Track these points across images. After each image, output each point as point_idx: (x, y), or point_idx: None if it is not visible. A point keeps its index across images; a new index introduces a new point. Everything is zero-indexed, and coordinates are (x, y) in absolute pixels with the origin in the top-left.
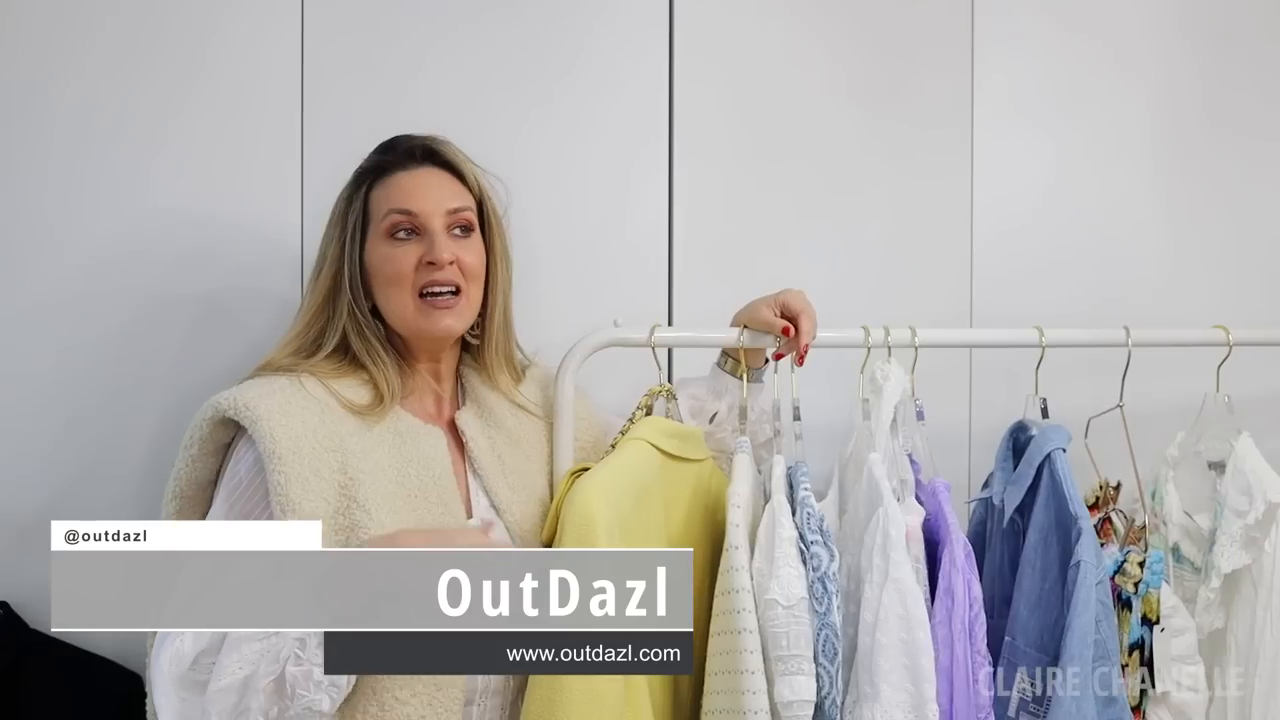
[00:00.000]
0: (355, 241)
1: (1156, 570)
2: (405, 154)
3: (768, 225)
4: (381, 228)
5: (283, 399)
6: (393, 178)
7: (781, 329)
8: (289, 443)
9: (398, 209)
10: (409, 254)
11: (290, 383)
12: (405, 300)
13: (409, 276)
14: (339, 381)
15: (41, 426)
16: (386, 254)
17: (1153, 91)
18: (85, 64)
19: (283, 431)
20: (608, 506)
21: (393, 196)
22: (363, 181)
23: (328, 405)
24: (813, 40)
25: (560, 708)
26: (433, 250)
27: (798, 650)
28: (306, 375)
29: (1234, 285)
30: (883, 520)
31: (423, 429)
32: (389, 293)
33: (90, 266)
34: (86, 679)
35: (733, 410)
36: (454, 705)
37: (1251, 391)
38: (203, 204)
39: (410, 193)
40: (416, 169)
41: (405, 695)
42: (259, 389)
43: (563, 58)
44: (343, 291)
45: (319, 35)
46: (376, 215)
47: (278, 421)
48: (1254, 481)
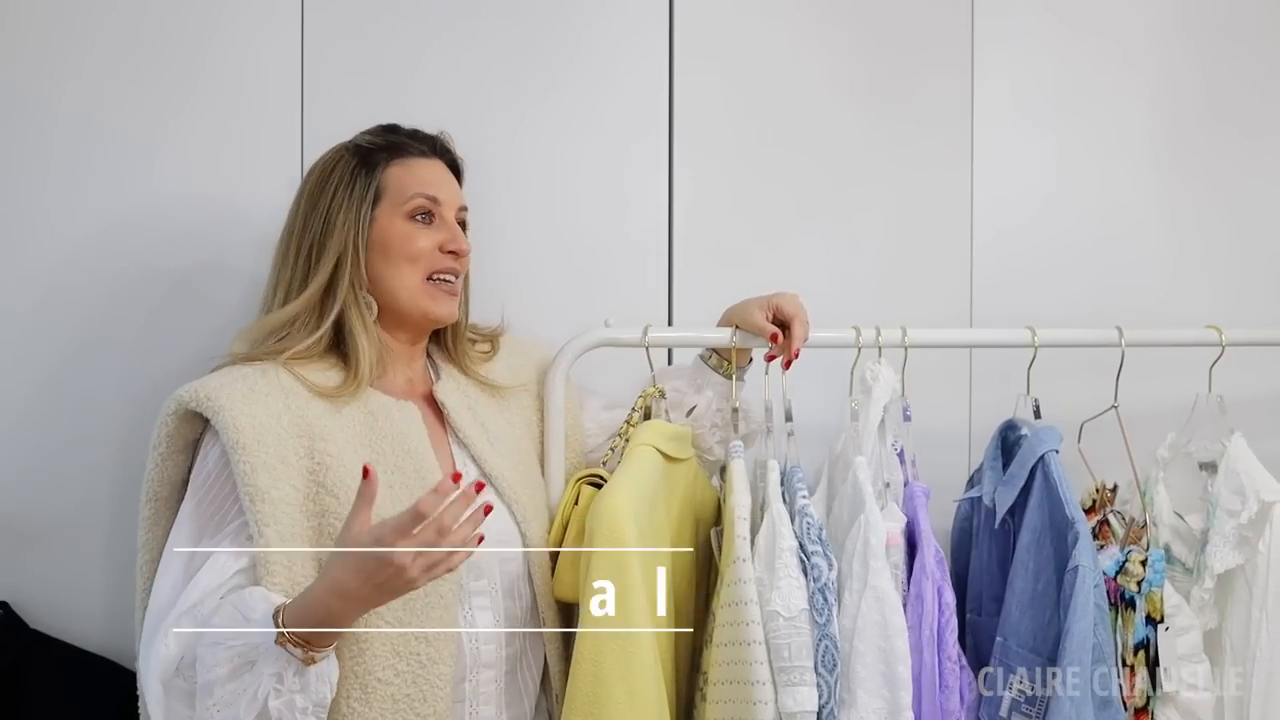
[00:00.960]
0: (367, 213)
1: (1159, 569)
2: (423, 141)
3: (768, 224)
4: (405, 207)
5: (245, 387)
6: (415, 161)
7: (770, 335)
8: (253, 431)
9: (426, 194)
10: (430, 237)
11: (254, 371)
12: (416, 279)
13: (426, 257)
14: (306, 366)
15: (40, 424)
16: (407, 232)
17: (1153, 91)
18: (85, 64)
19: (246, 420)
20: (634, 524)
21: (423, 179)
22: (377, 157)
23: (293, 390)
24: (813, 38)
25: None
26: (456, 240)
27: (800, 661)
28: (270, 362)
29: (1235, 286)
30: (864, 527)
31: (395, 405)
32: (401, 271)
33: (86, 264)
34: (86, 679)
35: (711, 405)
36: (440, 683)
37: (1247, 392)
38: (204, 202)
39: (434, 182)
40: (433, 160)
41: (389, 675)
42: (220, 379)
43: (562, 54)
44: (345, 266)
45: (319, 35)
46: (399, 193)
47: (240, 410)
48: (1247, 481)
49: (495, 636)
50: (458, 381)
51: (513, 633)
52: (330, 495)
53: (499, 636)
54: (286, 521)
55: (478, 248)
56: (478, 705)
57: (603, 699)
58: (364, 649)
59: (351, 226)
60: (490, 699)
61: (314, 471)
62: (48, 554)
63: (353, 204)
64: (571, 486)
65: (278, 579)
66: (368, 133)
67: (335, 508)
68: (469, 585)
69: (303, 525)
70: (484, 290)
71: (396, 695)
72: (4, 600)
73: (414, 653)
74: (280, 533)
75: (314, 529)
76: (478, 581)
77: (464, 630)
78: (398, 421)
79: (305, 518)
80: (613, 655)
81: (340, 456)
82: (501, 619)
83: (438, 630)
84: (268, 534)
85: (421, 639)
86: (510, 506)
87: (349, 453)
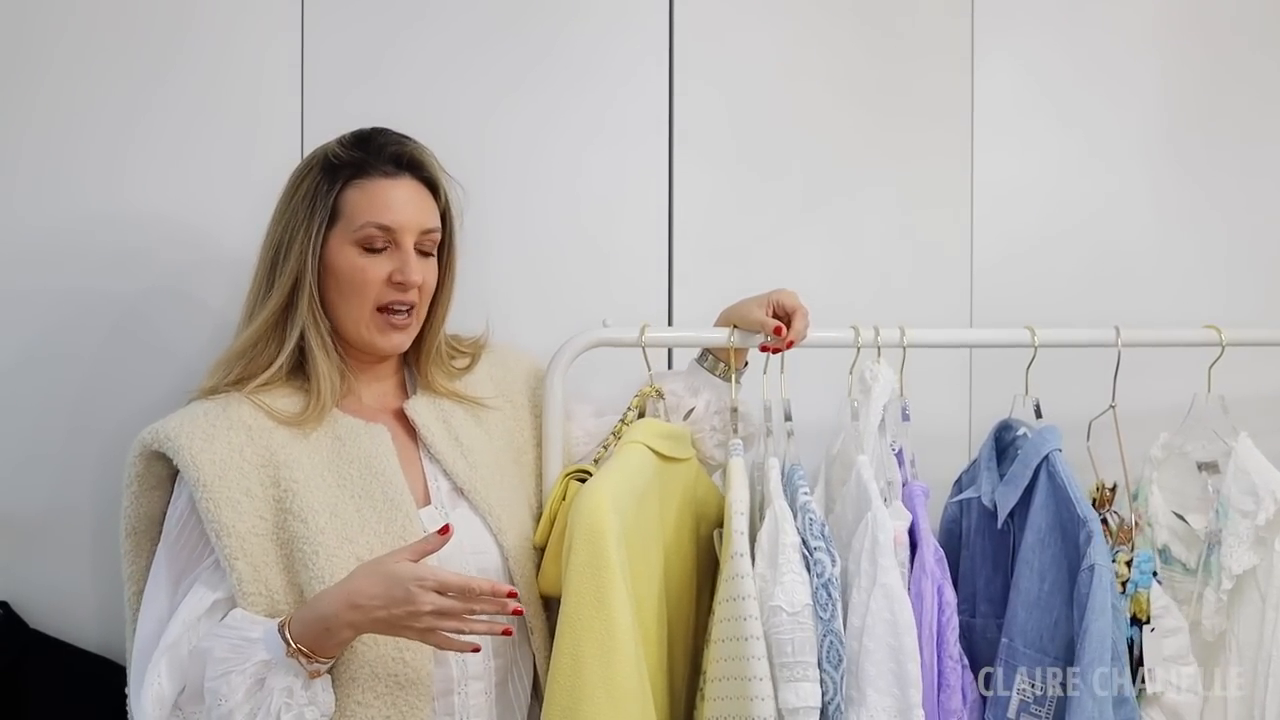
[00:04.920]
0: (320, 235)
1: (1144, 570)
2: (389, 159)
3: (768, 225)
4: (355, 236)
5: (206, 424)
6: (373, 184)
7: (774, 328)
8: (213, 468)
9: (377, 223)
10: (379, 267)
11: (214, 406)
12: (363, 311)
13: (374, 289)
14: (270, 393)
15: (39, 425)
16: (356, 263)
17: (1153, 91)
18: (84, 63)
19: (205, 457)
20: (615, 514)
21: (375, 207)
22: (338, 175)
23: (255, 421)
24: (813, 40)
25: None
26: (404, 271)
27: (802, 657)
28: (233, 394)
29: (1235, 286)
30: (871, 525)
31: (363, 428)
32: (349, 301)
33: (85, 266)
34: (86, 679)
35: (709, 407)
36: (420, 704)
37: (1241, 392)
38: (204, 204)
39: (390, 207)
40: (397, 178)
41: (368, 698)
42: (180, 418)
43: (562, 54)
44: (304, 287)
45: (319, 34)
46: (350, 219)
47: (200, 448)
48: (1259, 481)
49: (482, 647)
50: (431, 395)
51: (501, 644)
52: (298, 521)
53: (487, 648)
54: (257, 552)
55: (476, 250)
56: (469, 717)
57: (581, 691)
58: (342, 671)
59: (306, 249)
60: (481, 711)
61: (280, 499)
62: (48, 554)
63: (310, 225)
64: (560, 482)
65: (259, 607)
66: (343, 141)
67: (303, 532)
68: None
69: (275, 554)
70: (485, 291)
71: (376, 718)
72: (4, 600)
73: (392, 674)
74: (252, 563)
75: (285, 556)
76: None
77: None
78: (365, 445)
79: (276, 546)
80: (591, 648)
81: (306, 483)
82: None
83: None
84: (239, 566)
85: (398, 660)
86: (485, 518)
87: (315, 478)
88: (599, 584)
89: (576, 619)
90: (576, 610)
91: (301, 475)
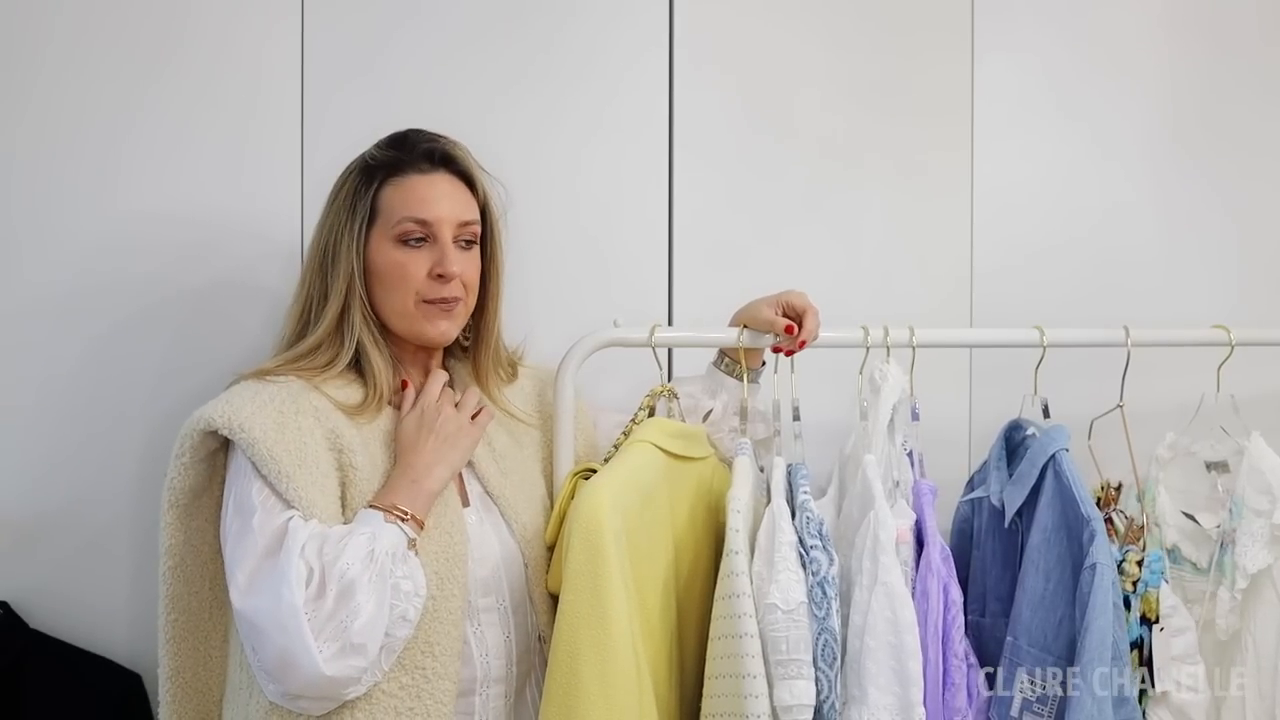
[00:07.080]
0: (362, 235)
1: (1155, 569)
2: (423, 155)
3: (768, 224)
4: (394, 232)
5: (274, 412)
6: (408, 180)
7: (785, 327)
8: (289, 457)
9: (413, 217)
10: (418, 262)
11: (280, 391)
12: (407, 303)
13: (416, 282)
14: (328, 383)
15: (38, 425)
16: (396, 259)
17: (1154, 90)
18: (86, 63)
19: (281, 449)
20: (614, 513)
21: (410, 203)
22: (375, 176)
23: (320, 406)
24: (813, 39)
25: (578, 711)
26: (444, 263)
27: (797, 654)
28: (295, 379)
29: (1235, 285)
30: (873, 524)
31: None
32: (393, 295)
33: (82, 266)
34: (86, 679)
35: (727, 409)
36: (444, 698)
37: (1247, 391)
38: (203, 204)
39: (426, 201)
40: (432, 174)
41: (393, 688)
42: (251, 406)
43: (561, 55)
44: (355, 292)
45: (319, 34)
46: (388, 216)
47: (274, 440)
48: (1274, 480)
49: (505, 651)
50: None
51: (524, 651)
52: (350, 511)
53: (509, 652)
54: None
55: None
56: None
57: (577, 689)
58: None
59: (352, 250)
60: (500, 714)
61: (343, 482)
62: (47, 554)
63: (352, 226)
64: (569, 480)
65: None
66: (379, 144)
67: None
68: (477, 601)
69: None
70: None
71: (400, 708)
72: (4, 600)
73: (418, 666)
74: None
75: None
76: (485, 598)
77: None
78: None
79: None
80: (587, 645)
81: (363, 470)
82: (512, 634)
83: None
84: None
85: (427, 653)
86: (511, 525)
87: (369, 467)
88: (596, 582)
89: (573, 616)
90: (573, 608)
91: (359, 462)
